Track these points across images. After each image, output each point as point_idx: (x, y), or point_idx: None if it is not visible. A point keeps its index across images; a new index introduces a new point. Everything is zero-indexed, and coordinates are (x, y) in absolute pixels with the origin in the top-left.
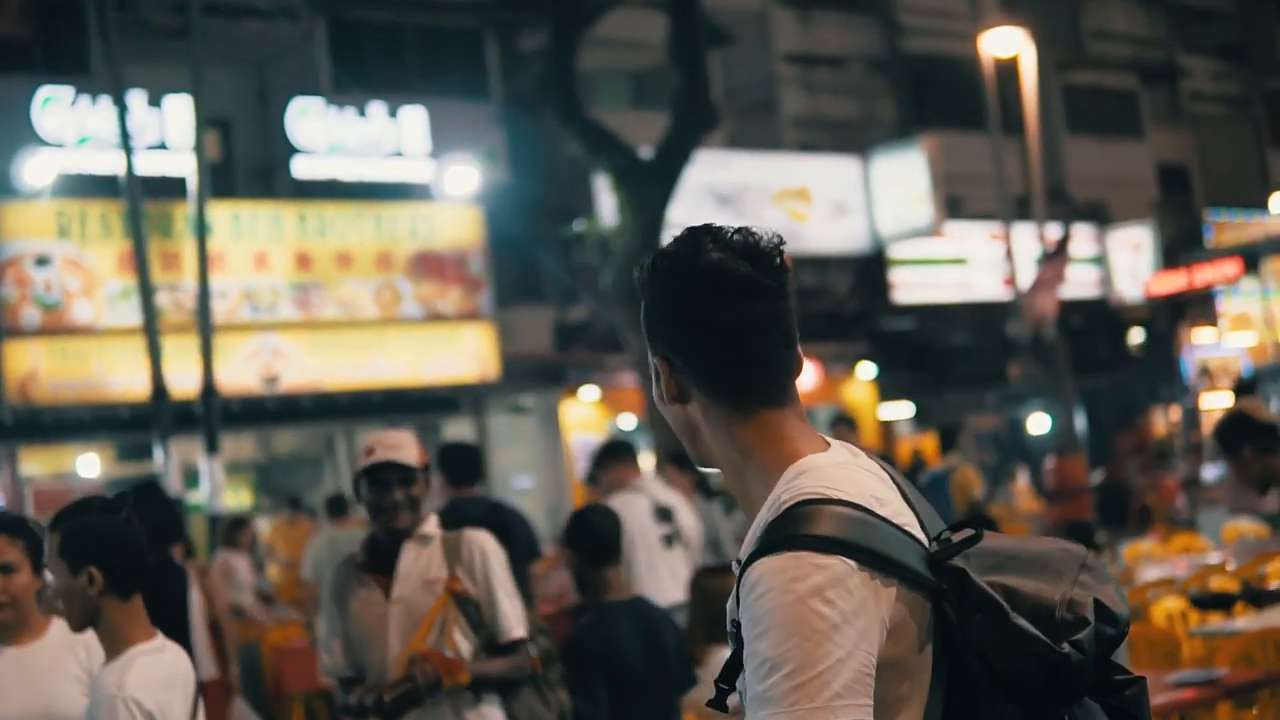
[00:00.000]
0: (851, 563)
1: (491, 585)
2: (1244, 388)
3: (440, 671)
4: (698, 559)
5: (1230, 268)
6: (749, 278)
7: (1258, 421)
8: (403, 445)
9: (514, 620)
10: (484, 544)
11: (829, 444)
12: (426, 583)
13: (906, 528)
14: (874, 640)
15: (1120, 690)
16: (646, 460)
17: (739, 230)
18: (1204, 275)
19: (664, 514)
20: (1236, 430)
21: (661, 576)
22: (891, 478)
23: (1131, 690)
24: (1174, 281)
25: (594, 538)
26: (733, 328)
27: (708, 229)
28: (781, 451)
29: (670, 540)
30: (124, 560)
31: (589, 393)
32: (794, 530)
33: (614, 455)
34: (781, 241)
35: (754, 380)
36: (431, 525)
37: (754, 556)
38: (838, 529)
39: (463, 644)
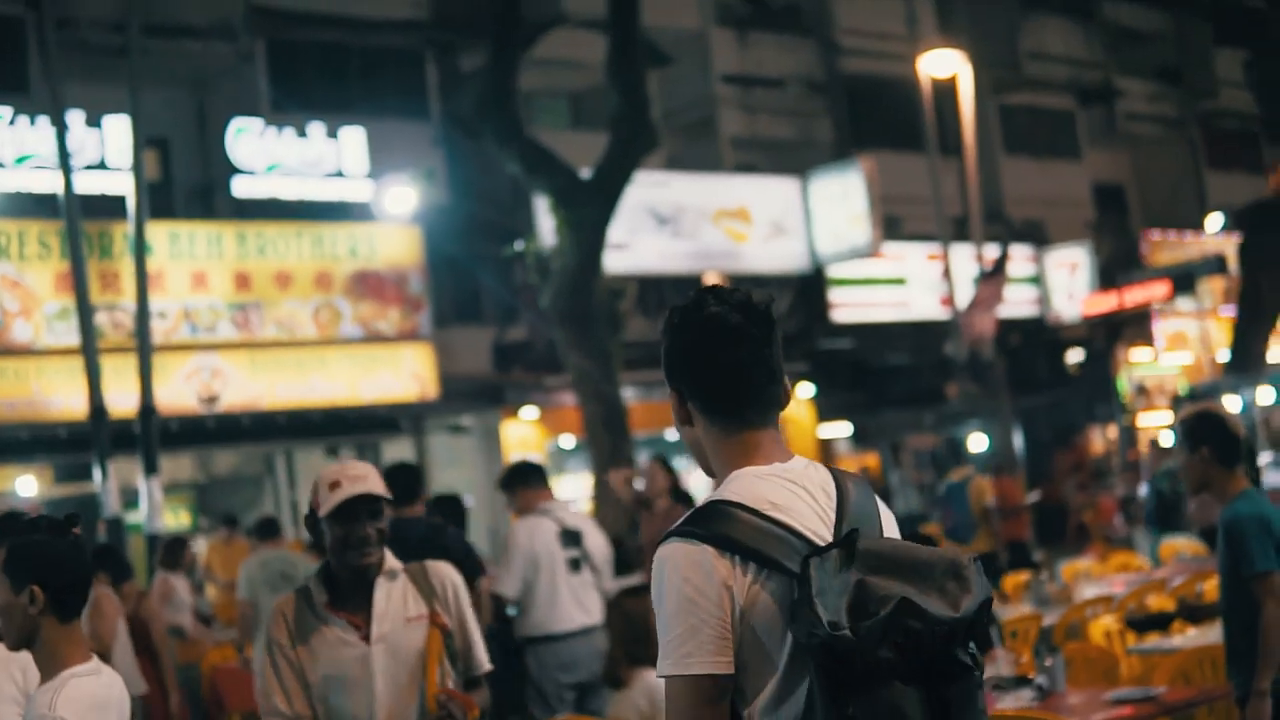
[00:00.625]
0: (714, 550)
1: (464, 617)
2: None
3: (467, 710)
4: (605, 583)
5: (1160, 289)
6: (740, 327)
7: (1229, 431)
8: (368, 475)
9: (484, 651)
10: (452, 576)
11: (788, 459)
12: (408, 620)
13: (794, 528)
14: (726, 611)
15: (946, 681)
16: (585, 479)
17: (737, 290)
18: (1134, 296)
19: (571, 537)
20: (1206, 428)
21: (564, 600)
22: (839, 488)
23: (959, 683)
24: (1107, 302)
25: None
26: (726, 366)
27: (714, 289)
28: (738, 464)
29: (577, 564)
30: (68, 582)
31: (529, 412)
32: (687, 522)
33: (521, 479)
34: (771, 300)
35: (740, 408)
36: (391, 558)
37: (661, 544)
38: (715, 525)
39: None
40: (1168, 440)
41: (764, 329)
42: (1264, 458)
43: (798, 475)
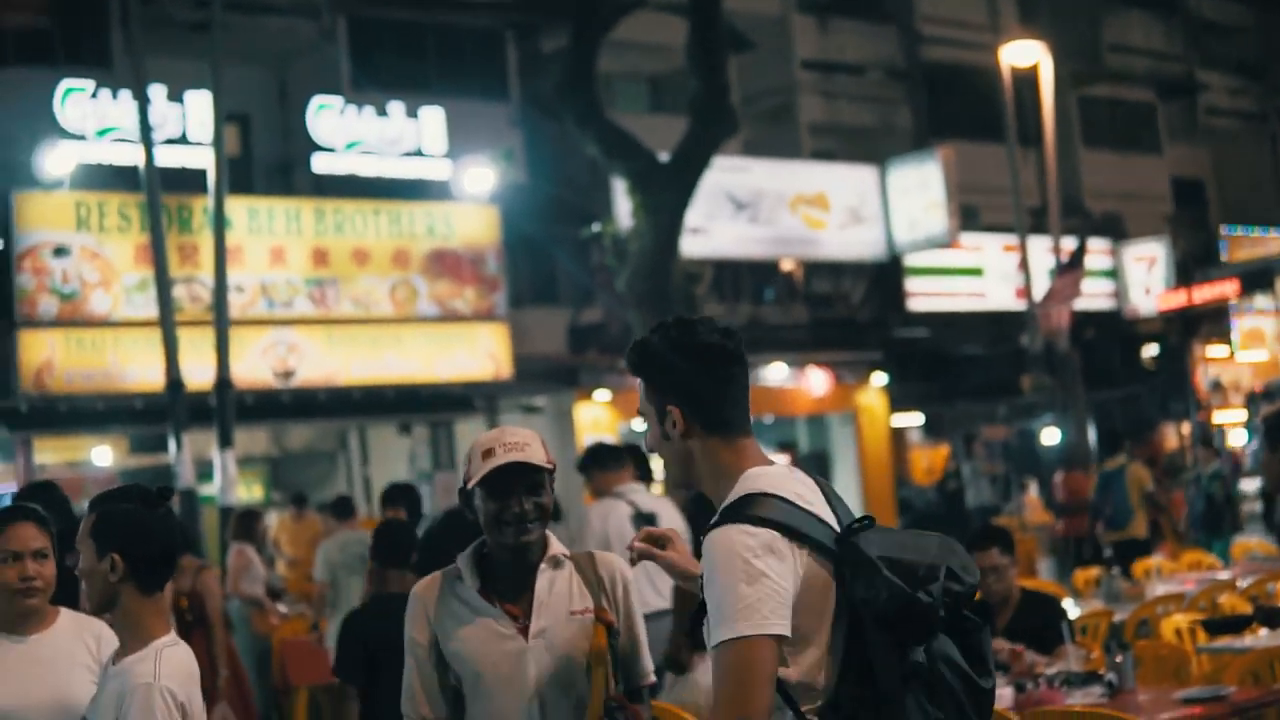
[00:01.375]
0: (774, 532)
1: (633, 618)
2: None
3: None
4: None
5: (1230, 286)
6: (735, 351)
7: None
8: (530, 443)
9: (649, 660)
10: (622, 569)
11: (773, 461)
12: (571, 615)
13: (820, 516)
14: (790, 584)
15: (967, 632)
16: (657, 462)
17: (713, 319)
18: (1205, 293)
19: (645, 519)
20: None
21: (640, 583)
22: (818, 485)
23: (977, 634)
24: (1182, 298)
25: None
26: (729, 383)
27: (697, 320)
28: (744, 465)
29: None
30: (150, 553)
31: (602, 394)
32: (737, 511)
33: (598, 461)
34: (738, 329)
35: (736, 418)
36: (556, 543)
37: (708, 530)
38: (766, 511)
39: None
40: (1219, 439)
41: (743, 352)
42: None
43: (794, 473)
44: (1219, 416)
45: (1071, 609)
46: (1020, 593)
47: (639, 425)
